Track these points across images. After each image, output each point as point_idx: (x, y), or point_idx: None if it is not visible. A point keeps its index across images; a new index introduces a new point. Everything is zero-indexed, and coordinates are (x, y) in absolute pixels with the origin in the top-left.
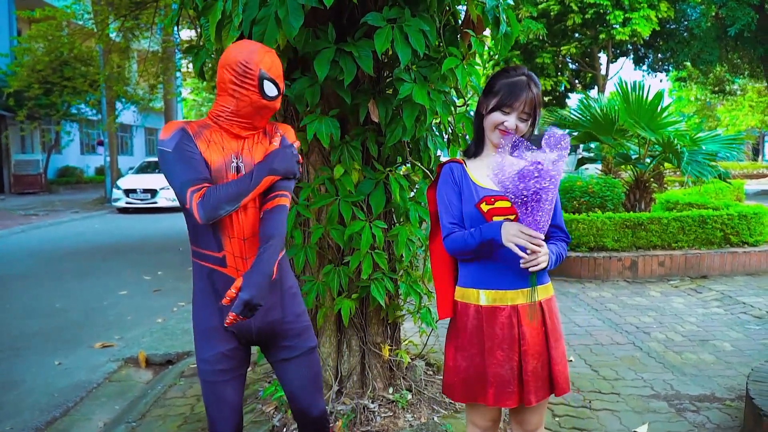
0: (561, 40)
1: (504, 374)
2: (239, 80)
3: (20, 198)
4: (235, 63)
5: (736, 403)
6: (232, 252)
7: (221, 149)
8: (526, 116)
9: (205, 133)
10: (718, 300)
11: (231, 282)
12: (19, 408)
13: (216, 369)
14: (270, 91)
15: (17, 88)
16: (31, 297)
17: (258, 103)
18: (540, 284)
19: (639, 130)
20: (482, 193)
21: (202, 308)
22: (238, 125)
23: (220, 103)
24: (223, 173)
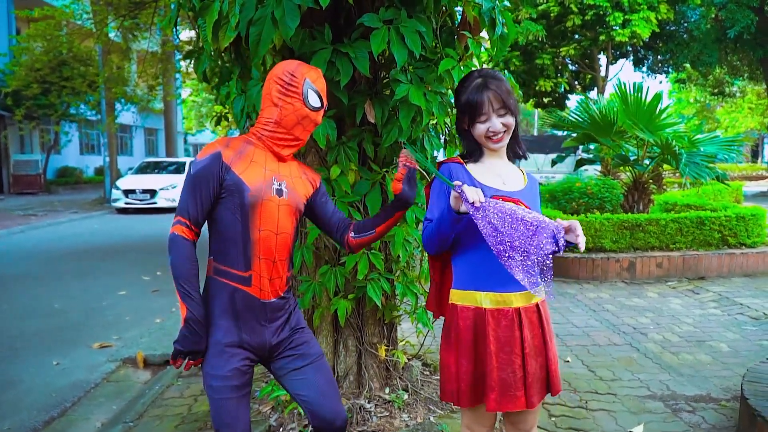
0: (560, 42)
1: (507, 378)
2: (285, 88)
3: (19, 198)
4: (283, 73)
5: (732, 404)
6: (259, 272)
7: (263, 170)
8: (503, 111)
9: (248, 152)
10: (716, 301)
11: (253, 301)
12: (18, 408)
13: (231, 385)
14: (314, 101)
15: (15, 87)
16: (30, 297)
17: (300, 112)
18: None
19: (638, 132)
20: (490, 192)
21: (221, 325)
22: (281, 138)
23: (264, 116)
24: (263, 193)
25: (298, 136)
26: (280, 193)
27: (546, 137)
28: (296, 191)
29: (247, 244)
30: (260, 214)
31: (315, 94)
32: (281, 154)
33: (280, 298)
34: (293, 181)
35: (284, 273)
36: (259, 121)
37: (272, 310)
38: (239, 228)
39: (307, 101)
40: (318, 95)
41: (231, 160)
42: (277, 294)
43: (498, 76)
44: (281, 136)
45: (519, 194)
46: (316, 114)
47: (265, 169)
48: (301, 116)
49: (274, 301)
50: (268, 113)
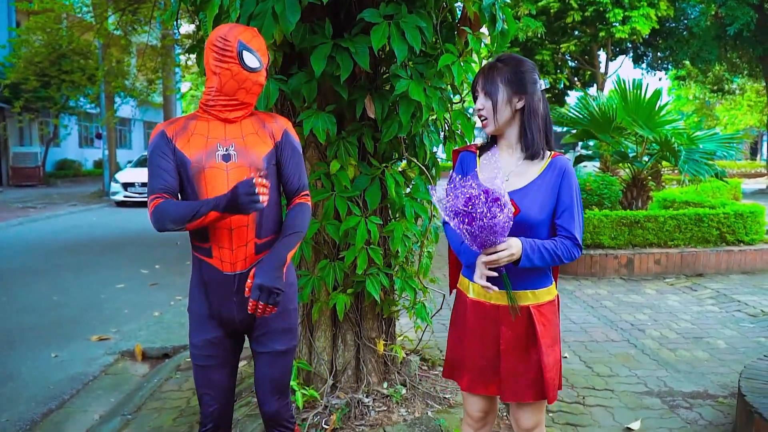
0: (560, 38)
1: (479, 364)
2: (220, 54)
3: (18, 190)
4: (216, 39)
5: (729, 400)
6: (217, 242)
7: (205, 139)
8: (483, 93)
9: (190, 127)
10: (713, 298)
11: (216, 273)
12: (15, 400)
13: (203, 354)
14: (250, 62)
15: (15, 80)
16: (28, 290)
17: (239, 75)
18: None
19: (637, 128)
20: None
21: (194, 296)
22: (225, 104)
23: (207, 86)
24: (204, 162)
25: (243, 100)
26: (228, 158)
27: None
28: (249, 150)
29: None
30: (205, 183)
31: (251, 54)
32: (229, 119)
33: (248, 270)
34: (246, 139)
35: (249, 240)
36: (204, 93)
37: (239, 282)
38: (193, 199)
39: (244, 63)
40: (254, 55)
41: (173, 134)
42: (243, 265)
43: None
44: (225, 102)
45: (514, 193)
46: (256, 75)
47: (207, 138)
48: (241, 80)
49: (239, 273)
50: (209, 83)
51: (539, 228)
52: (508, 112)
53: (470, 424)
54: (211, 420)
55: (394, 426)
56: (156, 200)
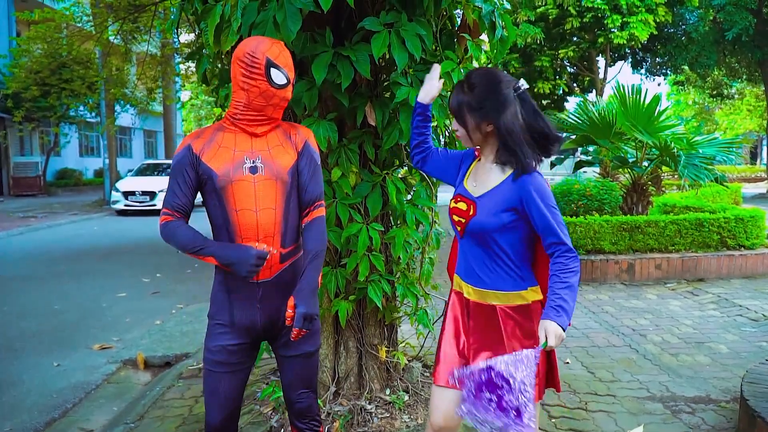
0: (559, 44)
1: (449, 351)
2: (248, 71)
3: (19, 200)
4: (243, 55)
5: (731, 405)
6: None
7: (232, 152)
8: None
9: (216, 139)
10: (715, 303)
11: (242, 281)
12: (18, 409)
13: (214, 359)
14: (278, 79)
15: (15, 89)
16: (30, 298)
17: (267, 92)
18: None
19: (636, 134)
20: (457, 190)
21: (217, 303)
22: (253, 119)
23: (234, 99)
24: (232, 175)
25: (271, 115)
26: (255, 170)
27: None
28: (275, 162)
29: (228, 225)
30: (233, 195)
31: (278, 72)
32: (256, 133)
33: (273, 278)
34: (272, 152)
35: (275, 249)
36: (231, 105)
37: (265, 290)
38: (219, 212)
39: (272, 81)
40: (281, 71)
41: (201, 149)
42: (269, 273)
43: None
44: (253, 117)
45: (478, 198)
46: (284, 91)
47: (234, 150)
48: (269, 96)
49: (266, 280)
50: (237, 97)
51: (492, 233)
52: (479, 135)
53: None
54: (213, 429)
55: None
56: (167, 217)
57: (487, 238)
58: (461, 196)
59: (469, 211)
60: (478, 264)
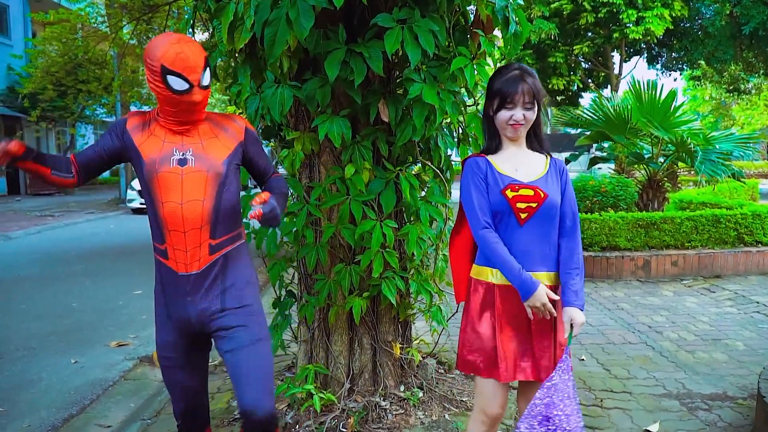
0: (574, 40)
1: (515, 348)
2: (151, 78)
3: (36, 199)
4: (147, 57)
5: (749, 402)
6: (172, 244)
7: (161, 143)
8: (529, 105)
9: (150, 127)
10: (731, 299)
11: (172, 274)
12: (36, 406)
13: (164, 355)
14: (177, 85)
15: (31, 90)
16: (47, 297)
17: (172, 99)
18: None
19: (652, 129)
20: (507, 180)
21: (156, 298)
22: (171, 122)
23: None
24: (158, 165)
25: (186, 119)
26: (183, 162)
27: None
28: (208, 155)
29: (157, 217)
30: (160, 187)
31: (175, 78)
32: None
33: (202, 270)
34: (204, 144)
35: (203, 241)
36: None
37: (196, 283)
38: (149, 202)
39: (171, 88)
40: (179, 77)
41: (133, 126)
42: (198, 266)
43: (533, 73)
44: (170, 120)
45: (536, 182)
46: (188, 95)
47: (163, 141)
48: (174, 103)
49: (193, 273)
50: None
51: (557, 209)
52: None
53: (486, 422)
54: (179, 417)
55: (411, 429)
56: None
57: (555, 218)
58: (518, 185)
59: (539, 195)
60: (540, 248)
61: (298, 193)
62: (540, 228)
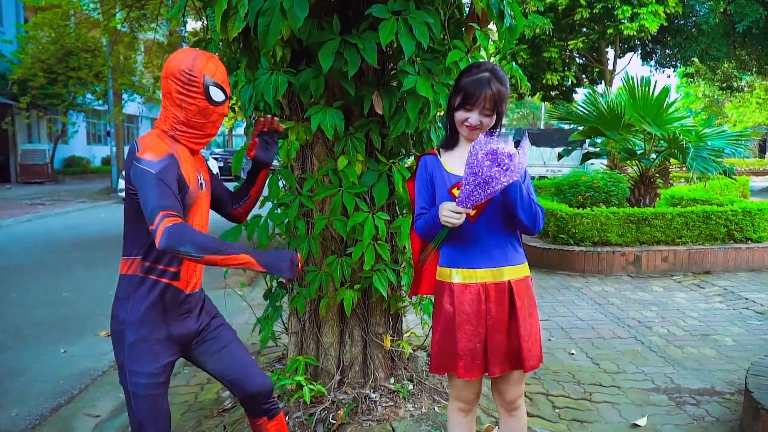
0: (568, 35)
1: (472, 347)
2: (185, 89)
3: (27, 187)
4: (179, 72)
5: (736, 397)
6: (187, 266)
7: (191, 168)
8: (488, 112)
9: (178, 150)
10: (721, 295)
11: (178, 294)
12: (25, 395)
13: (158, 382)
14: (216, 96)
15: (22, 76)
16: (38, 286)
17: (207, 110)
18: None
19: (645, 126)
20: (453, 180)
21: (148, 323)
22: (192, 136)
23: (172, 117)
24: (197, 191)
25: (209, 131)
26: (202, 186)
27: (553, 131)
28: (208, 180)
29: None
30: (194, 211)
31: (217, 89)
32: (195, 150)
33: (199, 290)
34: (203, 169)
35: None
36: (167, 120)
37: (194, 300)
38: None
39: (211, 99)
40: (220, 88)
41: (178, 158)
42: (198, 285)
43: (503, 78)
44: (193, 134)
45: None
46: (222, 107)
47: (193, 166)
48: (207, 114)
49: (195, 291)
50: (172, 113)
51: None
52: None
53: (463, 409)
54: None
55: (401, 421)
56: (172, 218)
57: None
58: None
59: None
60: (495, 242)
61: (290, 185)
62: (490, 224)
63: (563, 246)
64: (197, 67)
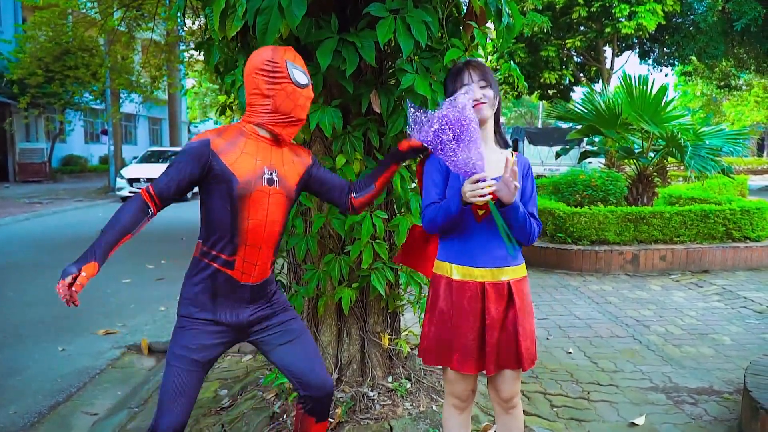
0: (566, 34)
1: (467, 343)
2: (271, 77)
3: (25, 186)
4: (263, 63)
5: (734, 396)
6: (243, 257)
7: (254, 161)
8: (483, 83)
9: (239, 143)
10: (719, 294)
11: (232, 283)
12: (23, 393)
13: (192, 358)
14: (300, 79)
15: (20, 75)
16: (35, 284)
17: (294, 94)
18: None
19: (643, 124)
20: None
21: (197, 302)
22: (283, 122)
23: (259, 108)
24: (253, 185)
25: (299, 116)
26: (271, 183)
27: (550, 129)
28: (287, 178)
29: (236, 232)
30: (250, 205)
31: (300, 72)
32: (283, 137)
33: (261, 282)
34: (285, 167)
35: (269, 259)
36: (255, 115)
37: (253, 292)
38: (228, 218)
39: (296, 81)
40: (302, 71)
41: (220, 149)
42: (259, 278)
43: (479, 62)
44: (281, 120)
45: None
46: (307, 90)
47: (256, 159)
48: (295, 97)
49: (256, 284)
50: (262, 105)
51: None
52: (494, 105)
53: (458, 406)
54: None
55: (398, 420)
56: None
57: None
58: None
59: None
60: (497, 242)
61: None
62: (495, 229)
63: (561, 245)
64: (278, 56)
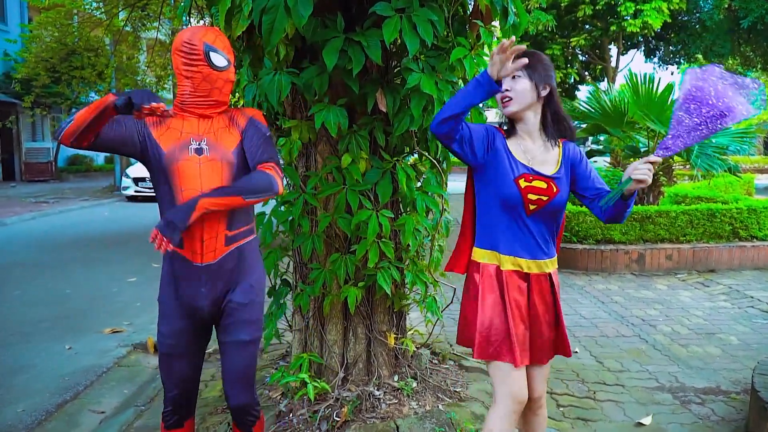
0: (571, 32)
1: (521, 334)
2: (188, 59)
3: (31, 185)
4: (181, 44)
5: (742, 396)
6: (189, 235)
7: (179, 133)
8: (518, 74)
9: (166, 121)
10: (726, 294)
11: (186, 263)
12: (30, 391)
13: (168, 342)
14: (218, 61)
15: (25, 75)
16: (41, 283)
17: (210, 76)
18: (549, 258)
19: (648, 123)
20: (522, 169)
21: (163, 287)
22: (202, 104)
23: (181, 89)
24: (177, 154)
25: (217, 98)
26: (200, 152)
27: None
28: (220, 144)
29: (175, 204)
30: (179, 175)
31: (218, 54)
32: (207, 114)
33: (217, 261)
34: (216, 134)
35: (220, 232)
36: (179, 94)
37: (208, 273)
38: (165, 190)
39: (212, 64)
40: (221, 54)
41: (151, 122)
42: (213, 257)
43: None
44: (201, 101)
45: (553, 177)
46: (226, 73)
47: (181, 132)
48: (212, 80)
49: (210, 264)
50: (182, 86)
51: (564, 206)
52: (531, 97)
53: (516, 410)
54: (170, 402)
55: (405, 419)
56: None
57: (560, 213)
58: (534, 175)
59: (552, 189)
60: (543, 238)
61: (294, 182)
62: (541, 222)
63: (566, 244)
64: (197, 37)
